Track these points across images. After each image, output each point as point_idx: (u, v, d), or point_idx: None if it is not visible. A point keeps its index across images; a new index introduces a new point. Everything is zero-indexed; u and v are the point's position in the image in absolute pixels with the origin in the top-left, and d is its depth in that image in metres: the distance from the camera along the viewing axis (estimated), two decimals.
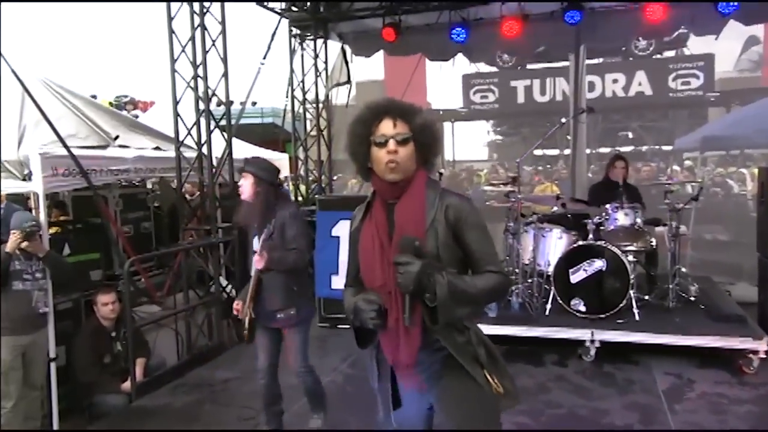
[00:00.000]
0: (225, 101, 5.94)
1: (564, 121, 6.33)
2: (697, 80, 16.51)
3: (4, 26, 4.57)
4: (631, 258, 5.15)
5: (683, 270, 5.74)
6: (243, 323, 3.41)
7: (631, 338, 4.86)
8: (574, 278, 5.18)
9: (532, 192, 8.97)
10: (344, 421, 3.89)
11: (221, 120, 5.98)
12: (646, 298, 5.40)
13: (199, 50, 5.65)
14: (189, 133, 5.78)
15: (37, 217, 4.39)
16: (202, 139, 5.76)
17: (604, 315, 5.04)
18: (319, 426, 3.71)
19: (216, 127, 5.87)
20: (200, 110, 5.73)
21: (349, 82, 8.08)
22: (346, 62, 8.07)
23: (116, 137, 5.61)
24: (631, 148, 18.70)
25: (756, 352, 4.52)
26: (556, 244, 5.52)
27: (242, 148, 7.46)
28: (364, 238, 2.00)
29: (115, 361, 4.83)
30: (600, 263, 5.10)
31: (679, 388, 4.35)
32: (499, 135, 22.71)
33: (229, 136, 6.04)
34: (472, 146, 22.77)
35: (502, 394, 1.92)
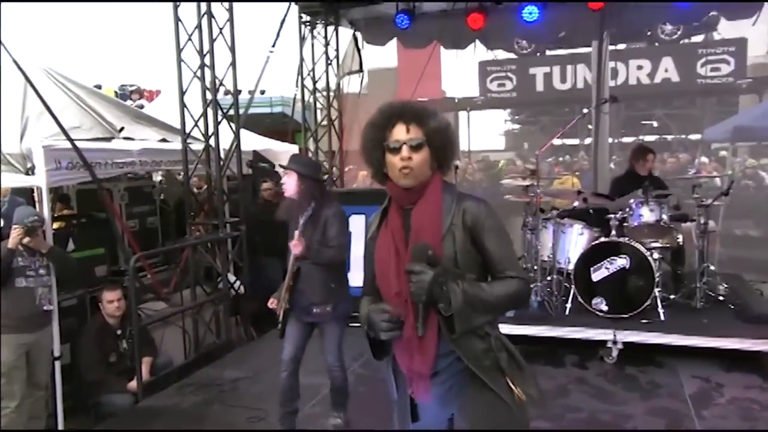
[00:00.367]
0: (233, 90, 5.93)
1: (585, 111, 6.24)
2: (727, 66, 16.15)
3: (4, 14, 4.58)
4: (656, 255, 5.08)
5: (711, 268, 5.65)
6: (277, 315, 3.56)
7: (655, 339, 4.80)
8: (596, 276, 5.13)
9: (552, 185, 8.85)
10: (358, 423, 3.88)
11: (229, 110, 5.97)
12: (671, 297, 5.33)
13: (206, 38, 5.64)
14: (196, 125, 5.78)
15: (39, 211, 4.39)
16: (210, 131, 5.76)
17: (628, 315, 4.99)
18: (339, 425, 3.77)
19: (224, 118, 5.87)
20: (207, 101, 5.73)
21: (361, 70, 8.01)
22: (358, 50, 8.00)
23: (121, 129, 5.63)
24: (656, 137, 18.42)
25: None
26: (576, 240, 5.47)
27: (251, 140, 7.44)
28: (380, 245, 1.99)
29: (121, 360, 4.88)
30: (623, 261, 5.04)
31: (707, 393, 4.29)
32: (517, 124, 22.49)
33: (237, 128, 6.04)
34: (488, 136, 22.57)
35: (524, 401, 1.91)
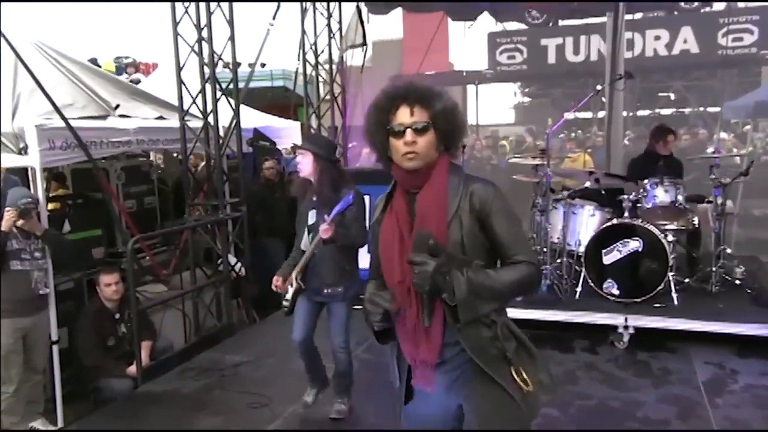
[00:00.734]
0: (231, 65, 5.86)
1: (599, 88, 6.14)
2: (751, 36, 15.84)
3: None
4: (670, 238, 5.04)
5: (728, 251, 5.61)
6: (283, 294, 3.67)
7: (668, 324, 4.77)
8: (607, 259, 5.10)
9: (563, 162, 8.79)
10: (361, 408, 3.92)
11: (228, 86, 5.92)
12: (686, 281, 5.31)
13: (203, 11, 5.56)
14: (194, 102, 5.74)
15: (34, 193, 4.40)
16: (208, 108, 5.72)
17: (640, 299, 4.97)
18: (343, 411, 3.81)
19: (222, 95, 5.82)
20: (205, 76, 5.67)
21: (365, 43, 7.90)
22: (362, 22, 7.88)
23: (116, 106, 5.60)
24: (673, 110, 18.18)
25: None
26: (587, 222, 5.43)
27: (251, 117, 7.39)
28: (384, 230, 1.98)
29: (120, 344, 4.91)
30: (636, 243, 5.01)
31: (721, 380, 4.28)
32: (527, 97, 22.23)
33: (237, 105, 5.99)
34: (497, 110, 22.41)
35: (532, 392, 1.91)
